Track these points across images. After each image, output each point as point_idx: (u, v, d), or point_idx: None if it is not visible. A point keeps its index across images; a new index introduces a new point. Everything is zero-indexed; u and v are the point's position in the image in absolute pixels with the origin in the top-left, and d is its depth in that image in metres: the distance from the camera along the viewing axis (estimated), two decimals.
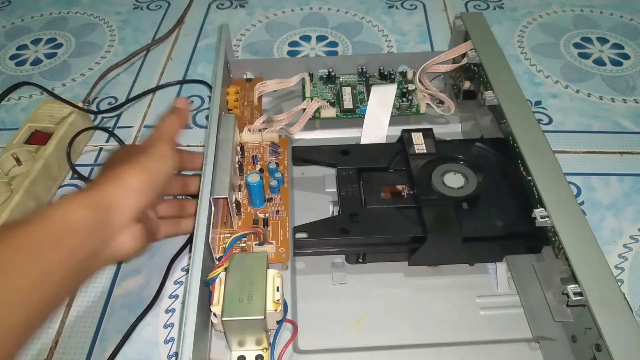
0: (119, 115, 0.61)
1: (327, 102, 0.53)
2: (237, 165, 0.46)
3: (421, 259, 0.41)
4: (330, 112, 0.52)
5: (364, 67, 0.56)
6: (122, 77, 0.66)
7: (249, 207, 0.44)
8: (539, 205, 0.37)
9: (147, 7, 0.79)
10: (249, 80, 0.57)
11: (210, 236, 0.37)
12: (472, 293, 0.41)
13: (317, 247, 0.41)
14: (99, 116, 0.60)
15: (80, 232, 0.32)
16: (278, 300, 0.35)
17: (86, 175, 0.54)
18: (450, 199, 0.41)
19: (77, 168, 0.54)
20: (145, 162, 0.36)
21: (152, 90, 0.63)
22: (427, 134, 0.46)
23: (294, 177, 0.50)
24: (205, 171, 0.39)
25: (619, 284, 0.44)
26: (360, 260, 0.42)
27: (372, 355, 0.37)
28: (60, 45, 0.72)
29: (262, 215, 0.43)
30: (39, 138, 0.53)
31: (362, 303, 0.41)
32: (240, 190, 0.45)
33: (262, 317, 0.34)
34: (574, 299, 0.32)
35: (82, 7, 0.80)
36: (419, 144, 0.46)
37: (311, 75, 0.56)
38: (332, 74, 0.55)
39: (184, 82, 0.65)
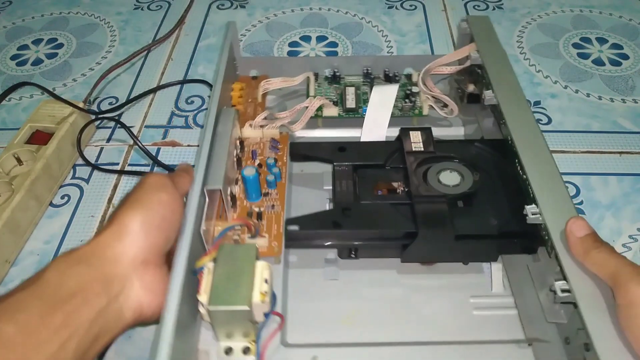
0: (119, 116, 0.61)
1: (330, 101, 0.53)
2: (235, 159, 0.46)
3: (413, 256, 0.41)
4: (332, 111, 0.52)
5: (369, 69, 0.56)
6: (122, 77, 0.66)
7: (245, 201, 0.45)
8: (531, 202, 0.37)
9: (147, 8, 0.79)
10: (254, 77, 0.57)
11: (202, 227, 0.37)
12: (466, 293, 0.41)
13: (309, 239, 0.41)
14: (100, 116, 0.60)
15: (80, 292, 0.28)
16: (265, 291, 0.35)
17: (93, 161, 0.55)
18: (444, 196, 0.41)
19: (77, 168, 0.55)
20: (140, 196, 0.33)
21: (153, 91, 0.63)
22: (425, 132, 0.46)
23: (293, 174, 0.50)
24: (199, 162, 0.40)
25: None
26: (353, 255, 0.42)
27: (361, 351, 0.37)
28: (61, 46, 0.73)
29: (256, 209, 0.44)
30: (39, 138, 0.53)
31: (354, 299, 0.41)
32: (237, 184, 0.45)
33: (248, 307, 0.33)
34: (561, 295, 0.31)
35: (82, 7, 0.80)
36: (417, 142, 0.46)
37: (316, 75, 0.56)
38: (337, 74, 0.56)
39: (184, 82, 0.65)
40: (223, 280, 0.35)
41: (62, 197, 0.52)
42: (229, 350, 0.36)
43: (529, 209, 0.36)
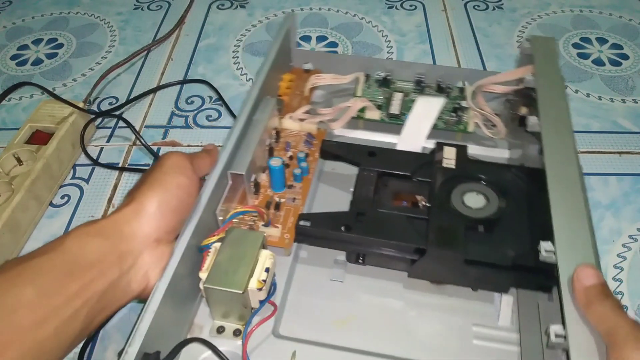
0: (119, 115, 0.61)
1: (374, 104, 0.52)
2: (267, 148, 0.47)
3: (420, 272, 0.40)
4: (374, 114, 0.51)
5: (422, 77, 0.54)
6: (122, 77, 0.66)
7: (269, 189, 0.45)
8: (548, 239, 0.35)
9: (147, 8, 0.79)
10: (307, 71, 0.57)
11: (220, 208, 0.38)
12: (469, 319, 0.39)
13: (318, 237, 0.41)
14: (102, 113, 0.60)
15: (96, 264, 0.30)
16: (263, 280, 0.35)
17: (95, 157, 0.55)
18: (463, 217, 0.40)
19: (77, 168, 0.55)
20: (160, 178, 0.35)
21: (153, 91, 0.64)
22: (460, 150, 0.45)
23: (324, 171, 0.50)
24: (226, 145, 0.41)
25: (618, 283, 0.44)
26: (360, 260, 0.42)
27: (347, 356, 0.36)
28: (61, 46, 0.73)
29: (277, 200, 0.44)
30: (39, 138, 0.53)
31: (353, 304, 0.40)
32: (264, 172, 0.46)
33: (242, 292, 0.34)
34: (554, 340, 0.30)
35: (82, 7, 0.80)
36: (449, 158, 0.44)
37: (367, 76, 0.55)
38: (389, 78, 0.54)
39: (184, 82, 0.65)
40: (225, 262, 0.36)
41: (62, 197, 0.52)
42: (221, 329, 0.37)
43: (544, 245, 0.34)
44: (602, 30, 0.72)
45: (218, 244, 0.37)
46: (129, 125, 0.56)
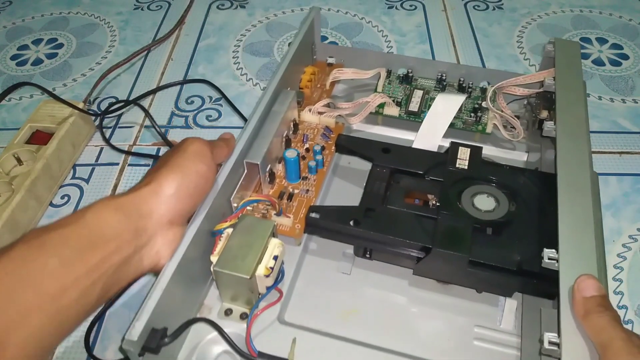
0: (119, 115, 0.61)
1: (394, 100, 0.52)
2: (285, 139, 0.47)
3: (424, 271, 0.40)
4: (393, 110, 0.52)
5: (444, 75, 0.54)
6: (122, 77, 0.66)
7: (284, 180, 0.46)
8: (552, 246, 0.35)
9: (147, 8, 0.79)
10: (330, 65, 0.57)
11: (234, 195, 0.40)
12: (472, 320, 0.39)
13: (327, 230, 0.41)
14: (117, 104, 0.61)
15: (115, 238, 0.31)
16: (271, 267, 0.37)
17: (93, 162, 0.55)
18: (471, 218, 0.40)
19: (77, 168, 0.55)
20: (181, 163, 0.36)
21: (153, 91, 0.63)
22: (475, 151, 0.45)
23: (340, 165, 0.50)
24: (242, 135, 0.42)
25: (618, 283, 0.44)
26: (367, 255, 0.42)
27: (348, 347, 0.37)
28: (61, 46, 0.73)
29: (291, 190, 0.45)
30: (39, 138, 0.53)
31: (358, 297, 0.41)
32: (280, 162, 0.47)
33: (249, 277, 0.35)
34: (547, 347, 0.30)
35: (83, 7, 0.80)
36: (463, 159, 0.45)
37: (389, 72, 0.55)
38: (410, 75, 0.55)
39: (184, 82, 0.65)
40: (235, 247, 0.37)
41: (62, 197, 0.52)
42: (229, 312, 0.39)
43: (547, 252, 0.34)
44: (602, 30, 0.72)
45: (230, 230, 0.38)
46: (145, 111, 0.57)
